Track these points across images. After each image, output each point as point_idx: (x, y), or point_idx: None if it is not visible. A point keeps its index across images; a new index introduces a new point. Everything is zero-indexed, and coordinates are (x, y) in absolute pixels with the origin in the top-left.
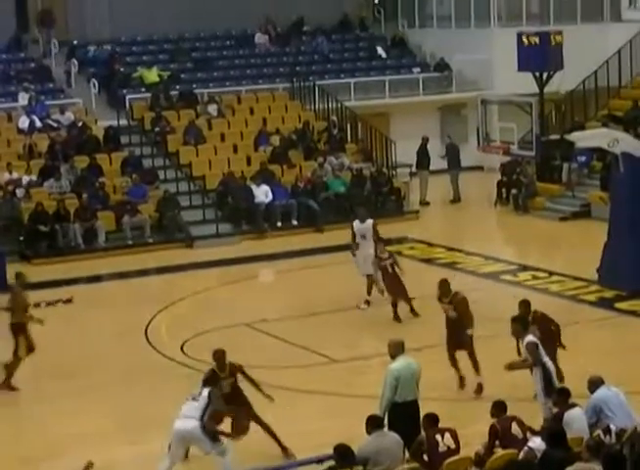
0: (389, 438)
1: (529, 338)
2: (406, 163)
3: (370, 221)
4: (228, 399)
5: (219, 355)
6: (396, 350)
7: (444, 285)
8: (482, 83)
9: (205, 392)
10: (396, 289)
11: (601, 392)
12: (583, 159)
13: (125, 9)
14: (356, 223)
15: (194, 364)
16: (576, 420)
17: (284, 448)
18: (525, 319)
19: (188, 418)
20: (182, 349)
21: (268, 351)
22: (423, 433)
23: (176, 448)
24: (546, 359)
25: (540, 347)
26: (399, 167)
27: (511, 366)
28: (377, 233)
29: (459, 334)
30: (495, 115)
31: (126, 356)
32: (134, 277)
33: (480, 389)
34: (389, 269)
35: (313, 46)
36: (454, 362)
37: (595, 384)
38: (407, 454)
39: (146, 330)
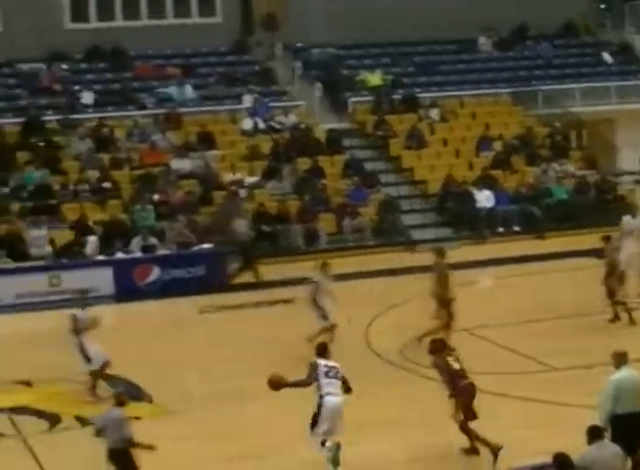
0: (610, 449)
1: None
2: (632, 170)
3: None
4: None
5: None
6: (620, 360)
7: None
8: None
9: None
10: None
11: None
12: None
13: (341, 9)
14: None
15: (412, 368)
16: None
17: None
18: None
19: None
20: (402, 352)
21: (487, 357)
22: None
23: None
24: None
25: None
26: (625, 175)
27: None
28: None
29: None
30: None
31: (344, 358)
32: (355, 279)
33: None
34: None
35: (537, 51)
36: None
37: None
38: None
39: (366, 332)
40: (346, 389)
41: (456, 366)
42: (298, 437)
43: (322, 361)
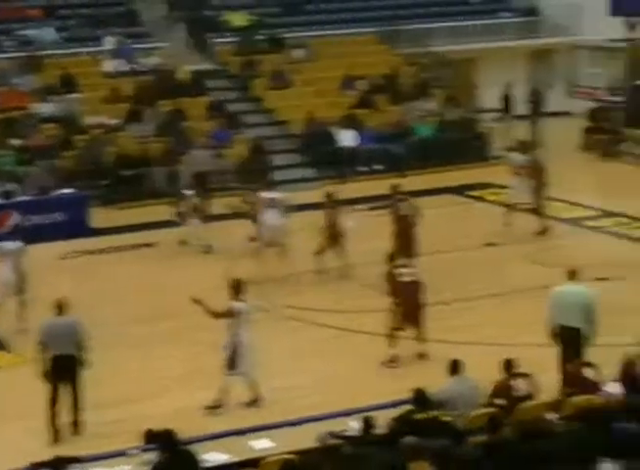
0: (468, 383)
1: None
2: (492, 108)
3: None
4: None
5: None
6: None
7: None
8: (572, 29)
9: None
10: None
11: None
12: None
13: None
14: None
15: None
16: None
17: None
18: None
19: None
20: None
21: (349, 297)
22: (500, 378)
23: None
24: None
25: None
26: (485, 113)
27: None
28: None
29: None
30: (585, 60)
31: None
32: (219, 221)
33: None
34: None
35: None
36: None
37: None
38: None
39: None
40: None
41: (404, 279)
42: (176, 383)
43: (237, 304)
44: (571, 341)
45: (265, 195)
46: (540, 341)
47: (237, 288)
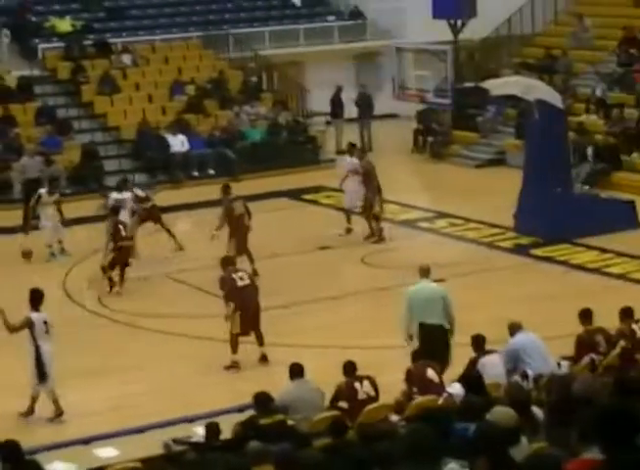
0: (309, 385)
1: None
2: (322, 111)
3: None
4: None
5: None
6: (422, 274)
7: None
8: (397, 31)
9: None
10: None
11: (519, 337)
12: (494, 108)
13: None
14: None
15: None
16: (491, 366)
17: None
18: None
19: None
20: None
21: (185, 300)
22: (342, 381)
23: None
24: None
25: None
26: (315, 116)
27: None
28: None
29: None
30: (410, 62)
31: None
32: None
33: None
34: None
35: None
36: None
37: (514, 329)
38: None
39: (64, 281)
40: None
41: (240, 283)
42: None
43: (35, 315)
44: (433, 338)
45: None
46: (379, 343)
47: (33, 299)
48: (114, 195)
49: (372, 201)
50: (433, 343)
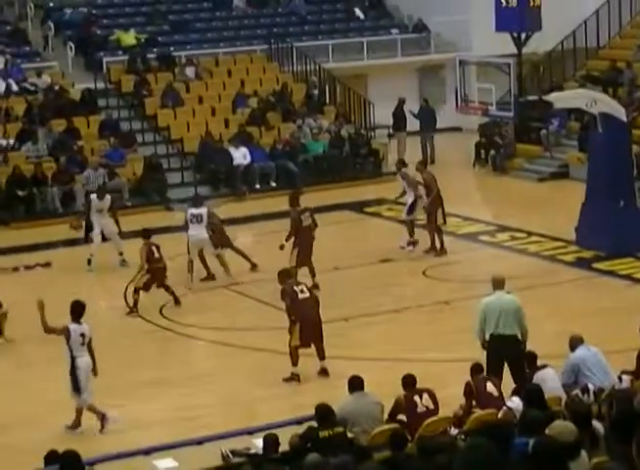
0: (368, 398)
1: None
2: (384, 124)
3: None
4: None
5: None
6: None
7: None
8: (460, 44)
9: None
10: None
11: (579, 351)
12: (557, 121)
13: None
14: None
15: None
16: (548, 380)
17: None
18: None
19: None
20: (160, 312)
21: (250, 313)
22: (401, 394)
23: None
24: None
25: None
26: (377, 129)
27: None
28: None
29: None
30: (473, 75)
31: (104, 320)
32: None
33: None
34: None
35: (290, 7)
36: None
37: (575, 343)
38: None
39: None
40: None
41: (301, 296)
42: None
43: (73, 326)
44: (506, 349)
45: (190, 210)
46: (439, 356)
47: (74, 311)
48: (193, 210)
49: (434, 213)
50: (505, 353)
